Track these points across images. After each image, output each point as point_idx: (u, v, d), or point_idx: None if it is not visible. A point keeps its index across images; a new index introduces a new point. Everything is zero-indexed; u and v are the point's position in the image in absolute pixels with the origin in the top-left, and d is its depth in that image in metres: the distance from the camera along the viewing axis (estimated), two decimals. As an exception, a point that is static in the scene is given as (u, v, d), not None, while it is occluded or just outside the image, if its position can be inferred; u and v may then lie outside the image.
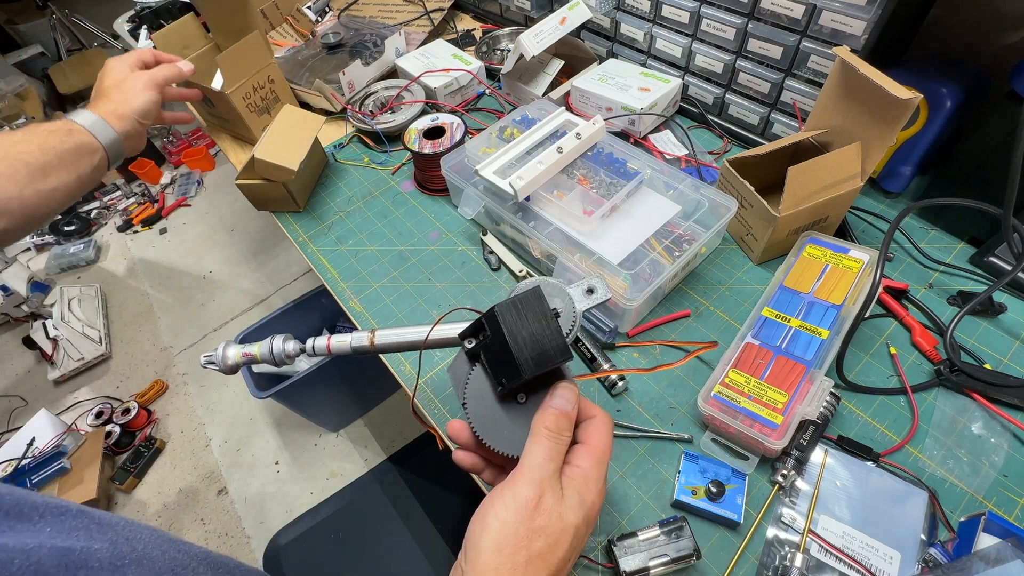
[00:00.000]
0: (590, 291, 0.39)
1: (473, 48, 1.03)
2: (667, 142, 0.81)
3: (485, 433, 0.36)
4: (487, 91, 0.97)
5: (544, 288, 0.36)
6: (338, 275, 0.73)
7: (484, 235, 0.73)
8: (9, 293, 1.72)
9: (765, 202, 0.59)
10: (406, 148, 0.77)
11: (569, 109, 0.85)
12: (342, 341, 0.43)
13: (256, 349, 0.43)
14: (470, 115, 0.93)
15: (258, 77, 0.88)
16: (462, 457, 0.40)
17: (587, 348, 0.60)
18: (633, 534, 0.46)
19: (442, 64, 0.94)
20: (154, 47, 0.79)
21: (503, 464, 0.40)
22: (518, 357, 0.32)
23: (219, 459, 1.58)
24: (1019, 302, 0.59)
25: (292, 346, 0.43)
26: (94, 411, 1.67)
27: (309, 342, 0.43)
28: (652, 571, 0.44)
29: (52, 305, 1.83)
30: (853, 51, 0.57)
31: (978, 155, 0.59)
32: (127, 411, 1.64)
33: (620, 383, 0.57)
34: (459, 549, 0.32)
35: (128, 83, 0.65)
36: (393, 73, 1.00)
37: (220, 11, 0.94)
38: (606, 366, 0.58)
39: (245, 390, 1.56)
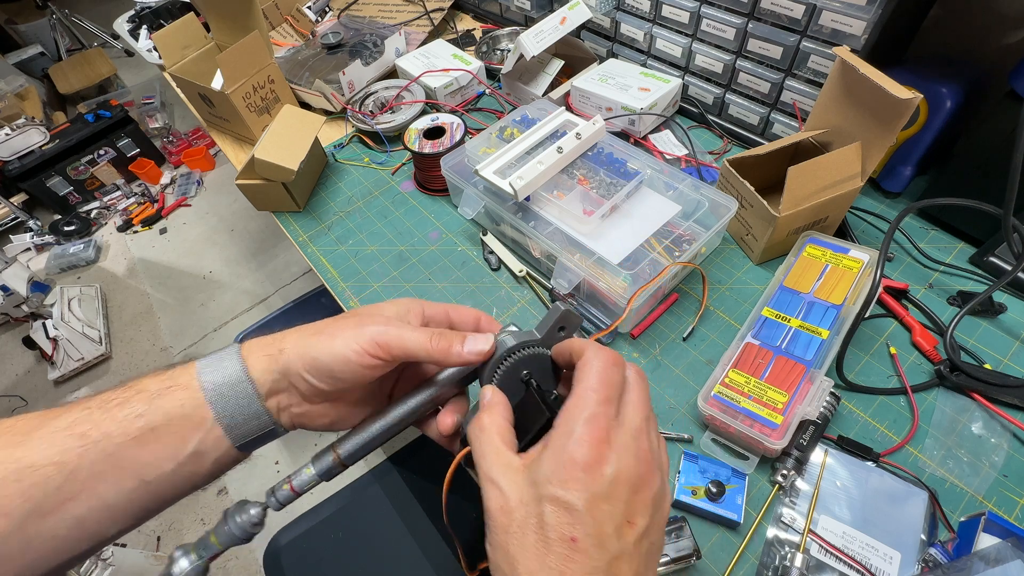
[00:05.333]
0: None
1: (473, 48, 1.03)
2: (667, 142, 0.81)
3: None
4: (487, 91, 0.97)
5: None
6: (338, 275, 0.73)
7: (484, 235, 0.73)
8: (9, 293, 1.72)
9: (765, 202, 0.59)
10: (406, 148, 0.77)
11: (569, 109, 0.84)
12: (302, 475, 0.35)
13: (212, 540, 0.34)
14: (470, 115, 0.93)
15: (258, 77, 0.88)
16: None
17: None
18: (633, 534, 0.46)
19: (442, 64, 0.94)
20: (153, 47, 0.76)
21: None
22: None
23: (219, 459, 1.58)
24: (1019, 302, 0.59)
25: (255, 512, 0.34)
26: (94, 411, 1.67)
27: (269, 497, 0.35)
28: (652, 571, 0.44)
29: (52, 305, 1.83)
30: (853, 51, 0.57)
31: (978, 155, 0.59)
32: (127, 411, 1.64)
33: None
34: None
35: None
36: (393, 73, 1.00)
37: (220, 11, 0.94)
38: None
39: (245, 390, 1.56)
